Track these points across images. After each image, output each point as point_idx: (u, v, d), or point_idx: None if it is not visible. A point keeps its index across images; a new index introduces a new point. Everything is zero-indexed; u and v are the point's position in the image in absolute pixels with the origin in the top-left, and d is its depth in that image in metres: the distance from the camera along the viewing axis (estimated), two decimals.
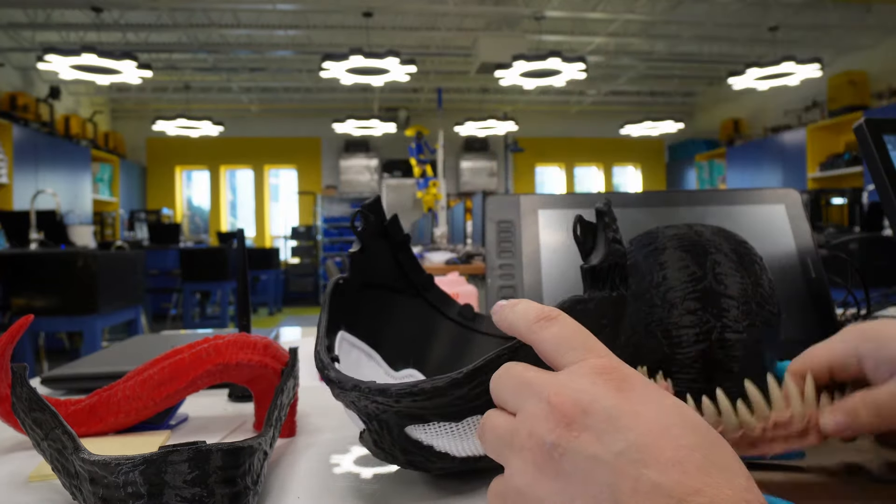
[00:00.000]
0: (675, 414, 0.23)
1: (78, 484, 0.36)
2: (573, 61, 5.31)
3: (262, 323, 6.72)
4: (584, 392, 0.23)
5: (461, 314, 0.57)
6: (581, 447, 0.22)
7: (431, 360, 0.55)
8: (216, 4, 5.89)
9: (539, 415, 0.24)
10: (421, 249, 4.42)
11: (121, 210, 8.23)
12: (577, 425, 0.23)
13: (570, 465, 0.22)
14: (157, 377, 0.48)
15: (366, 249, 0.50)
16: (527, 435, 0.24)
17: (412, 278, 0.55)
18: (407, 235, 0.54)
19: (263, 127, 9.63)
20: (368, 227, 0.50)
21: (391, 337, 0.53)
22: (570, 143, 10.17)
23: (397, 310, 0.54)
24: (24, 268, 2.87)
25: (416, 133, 6.20)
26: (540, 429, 0.23)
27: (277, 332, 1.07)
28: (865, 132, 0.50)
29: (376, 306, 0.52)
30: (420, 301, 0.56)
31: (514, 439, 0.25)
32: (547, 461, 0.23)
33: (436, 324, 0.56)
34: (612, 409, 0.23)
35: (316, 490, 0.42)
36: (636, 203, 0.72)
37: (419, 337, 0.55)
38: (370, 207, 0.51)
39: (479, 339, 0.57)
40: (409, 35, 6.82)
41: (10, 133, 5.96)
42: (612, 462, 0.22)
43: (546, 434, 0.23)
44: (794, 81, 6.10)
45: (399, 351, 0.53)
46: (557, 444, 0.23)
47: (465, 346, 0.56)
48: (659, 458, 0.21)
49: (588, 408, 0.23)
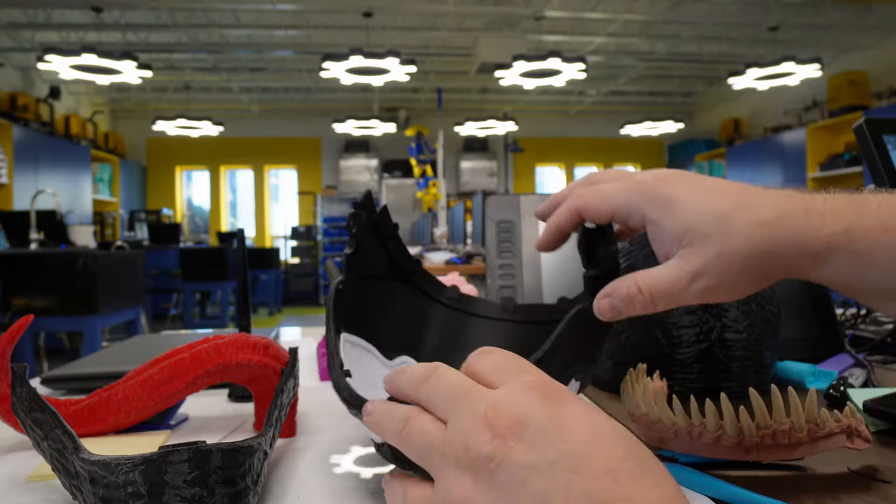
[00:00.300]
0: (606, 426, 0.24)
1: (78, 484, 0.36)
2: (573, 61, 5.31)
3: (262, 323, 6.72)
4: (519, 405, 0.24)
5: (449, 297, 0.57)
6: (516, 458, 0.23)
7: (424, 345, 0.55)
8: (216, 4, 5.89)
9: (474, 427, 0.24)
10: (421, 249, 4.42)
11: (121, 210, 8.23)
12: (512, 437, 0.23)
13: (506, 476, 0.23)
14: (157, 377, 0.48)
15: (360, 248, 0.50)
16: (462, 447, 0.24)
17: (400, 264, 0.55)
18: (396, 224, 0.55)
19: (263, 127, 9.64)
20: (361, 226, 0.51)
21: (385, 326, 0.53)
22: (570, 143, 10.17)
23: (388, 298, 0.54)
24: (24, 268, 2.87)
25: (416, 133, 6.21)
26: (475, 441, 0.24)
27: (277, 332, 1.07)
28: (865, 132, 0.50)
29: (368, 298, 0.53)
30: (409, 287, 0.56)
31: (446, 449, 0.25)
32: (482, 473, 0.23)
33: (426, 308, 0.56)
34: (545, 422, 0.23)
35: (316, 490, 0.42)
36: None
37: (411, 323, 0.55)
38: (362, 204, 0.51)
39: (470, 321, 0.57)
40: (409, 35, 6.82)
41: (10, 133, 5.96)
42: (545, 471, 0.22)
43: (482, 446, 0.24)
44: (794, 81, 6.10)
45: (393, 339, 0.53)
46: (493, 455, 0.23)
47: (456, 330, 0.57)
48: (591, 467, 0.22)
49: (523, 420, 0.24)
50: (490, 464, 0.23)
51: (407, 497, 0.27)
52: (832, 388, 0.56)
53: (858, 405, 0.51)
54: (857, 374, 0.62)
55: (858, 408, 0.51)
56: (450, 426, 0.26)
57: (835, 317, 0.71)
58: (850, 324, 0.83)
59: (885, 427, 0.49)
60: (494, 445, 0.23)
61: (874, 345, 0.76)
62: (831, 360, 0.65)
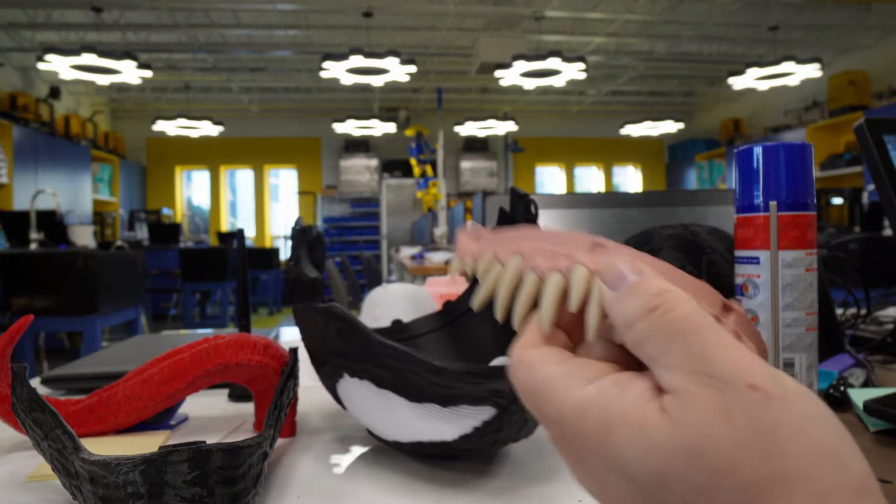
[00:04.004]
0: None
1: (78, 484, 0.36)
2: (573, 61, 5.32)
3: (262, 323, 6.71)
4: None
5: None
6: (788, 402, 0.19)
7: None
8: (216, 4, 5.89)
9: (753, 360, 0.19)
10: (421, 249, 4.42)
11: (121, 210, 8.22)
12: (781, 387, 0.19)
13: (769, 415, 0.18)
14: (157, 377, 0.48)
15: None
16: (730, 366, 0.19)
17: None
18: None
19: (263, 127, 9.64)
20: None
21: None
22: (570, 143, 10.18)
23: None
24: (24, 268, 2.87)
25: (416, 133, 6.21)
26: (754, 372, 0.19)
27: (277, 332, 1.07)
28: (865, 132, 0.50)
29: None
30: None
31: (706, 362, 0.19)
32: (743, 405, 0.18)
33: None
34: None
35: (316, 490, 0.42)
36: (636, 203, 0.72)
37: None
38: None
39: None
40: (409, 35, 6.82)
41: (10, 133, 5.96)
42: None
43: (759, 379, 0.19)
44: (794, 81, 6.10)
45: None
46: (767, 391, 0.19)
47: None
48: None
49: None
50: (756, 393, 0.18)
51: (617, 388, 0.20)
52: (832, 387, 0.56)
53: (858, 405, 0.51)
54: (858, 374, 0.62)
55: (859, 408, 0.51)
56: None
57: (835, 317, 0.71)
58: (850, 324, 0.83)
59: (885, 427, 0.49)
60: (772, 385, 0.18)
61: (874, 345, 0.76)
62: (831, 360, 0.65)
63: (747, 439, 0.18)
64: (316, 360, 0.48)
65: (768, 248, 0.45)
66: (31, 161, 6.29)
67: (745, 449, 0.17)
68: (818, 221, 5.91)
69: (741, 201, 0.47)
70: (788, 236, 0.45)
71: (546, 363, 0.22)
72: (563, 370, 0.22)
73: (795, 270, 0.45)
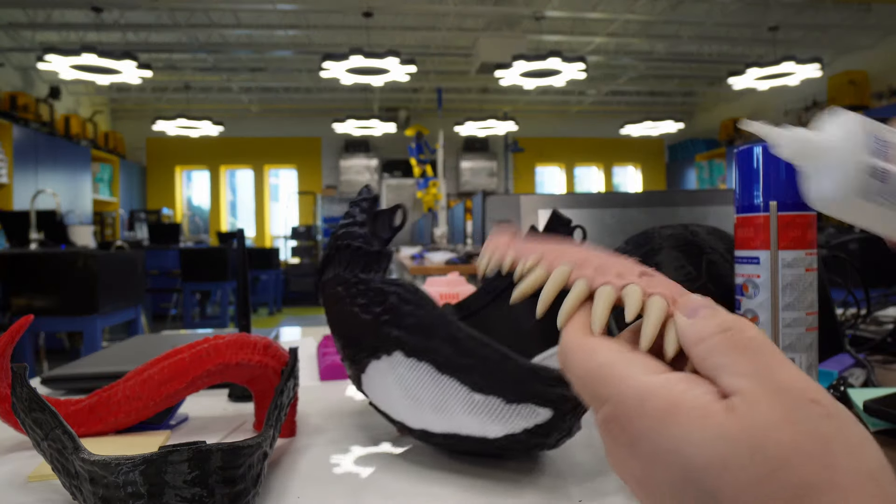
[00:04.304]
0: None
1: (78, 484, 0.36)
2: (573, 61, 5.32)
3: (262, 323, 6.71)
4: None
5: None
6: (842, 414, 0.20)
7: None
8: (216, 4, 5.89)
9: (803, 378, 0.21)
10: (421, 249, 4.42)
11: (121, 210, 8.23)
12: (833, 405, 0.21)
13: (827, 428, 0.20)
14: (157, 377, 0.48)
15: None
16: (793, 379, 0.21)
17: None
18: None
19: (263, 127, 9.64)
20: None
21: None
22: (570, 143, 10.18)
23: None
24: (24, 268, 2.87)
25: (416, 133, 6.20)
26: (810, 388, 0.21)
27: (277, 332, 1.07)
28: None
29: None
30: None
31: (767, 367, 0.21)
32: (804, 412, 0.20)
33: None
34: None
35: (316, 490, 0.42)
36: (636, 203, 0.72)
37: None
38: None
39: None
40: (409, 35, 6.82)
41: (10, 133, 5.96)
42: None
43: (816, 392, 0.21)
44: (794, 81, 6.10)
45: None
46: (826, 404, 0.20)
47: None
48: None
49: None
50: (817, 407, 0.20)
51: (681, 389, 0.21)
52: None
53: (858, 405, 0.51)
54: (857, 374, 0.62)
55: (858, 408, 0.51)
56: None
57: (835, 317, 0.71)
58: (850, 324, 0.83)
59: (884, 427, 0.49)
60: (831, 404, 0.20)
61: (874, 345, 0.76)
62: (831, 360, 0.65)
63: (806, 444, 0.19)
64: (351, 334, 0.46)
65: (768, 248, 0.45)
66: (31, 161, 6.29)
67: (803, 452, 0.19)
68: (818, 221, 5.96)
69: (741, 201, 0.47)
70: (788, 236, 0.45)
71: (608, 349, 0.24)
72: (625, 357, 0.23)
73: (795, 270, 0.45)
